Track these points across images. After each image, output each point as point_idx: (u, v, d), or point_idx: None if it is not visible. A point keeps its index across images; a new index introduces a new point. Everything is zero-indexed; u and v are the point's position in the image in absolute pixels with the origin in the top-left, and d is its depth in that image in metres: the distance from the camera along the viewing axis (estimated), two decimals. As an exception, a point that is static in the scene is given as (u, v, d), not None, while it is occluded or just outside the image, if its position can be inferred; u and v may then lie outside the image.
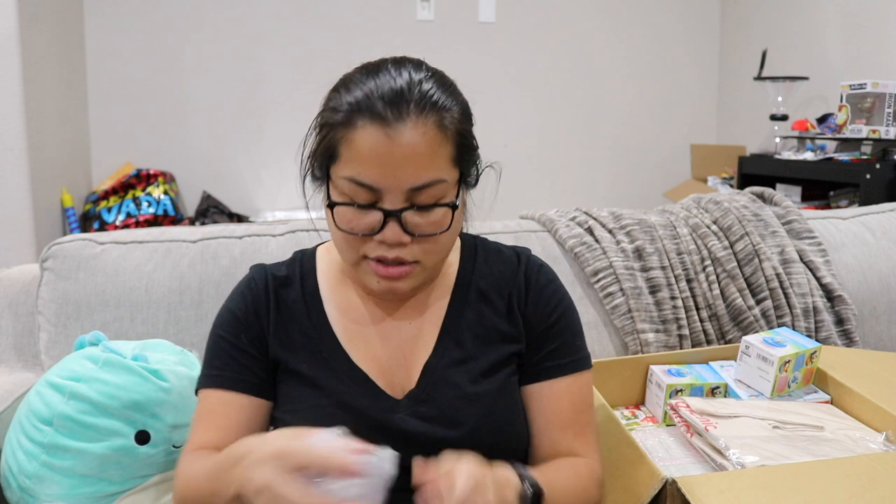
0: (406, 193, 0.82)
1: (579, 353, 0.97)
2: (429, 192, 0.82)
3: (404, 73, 0.84)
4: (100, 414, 1.04)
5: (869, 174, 2.29)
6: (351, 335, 0.94)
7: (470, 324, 0.94)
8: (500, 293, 0.96)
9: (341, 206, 0.84)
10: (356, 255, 0.86)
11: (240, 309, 0.94)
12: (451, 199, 0.85)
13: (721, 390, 1.16)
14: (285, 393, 0.92)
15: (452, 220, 0.86)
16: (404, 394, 0.91)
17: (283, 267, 0.99)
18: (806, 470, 0.86)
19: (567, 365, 0.95)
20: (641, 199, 3.61)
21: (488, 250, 1.00)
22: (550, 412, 0.94)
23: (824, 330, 1.43)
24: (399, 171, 0.80)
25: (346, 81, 0.85)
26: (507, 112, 3.59)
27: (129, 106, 3.28)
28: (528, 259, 0.99)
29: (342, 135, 0.82)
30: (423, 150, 0.81)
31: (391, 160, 0.80)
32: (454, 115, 0.84)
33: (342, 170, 0.82)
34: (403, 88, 0.82)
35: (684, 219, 1.51)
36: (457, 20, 3.51)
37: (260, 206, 3.40)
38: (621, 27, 3.68)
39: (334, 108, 0.83)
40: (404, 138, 0.80)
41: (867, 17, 2.84)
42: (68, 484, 1.03)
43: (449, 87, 0.87)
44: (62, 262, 1.31)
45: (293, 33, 3.37)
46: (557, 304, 0.97)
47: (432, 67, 0.88)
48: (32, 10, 2.68)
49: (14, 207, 2.63)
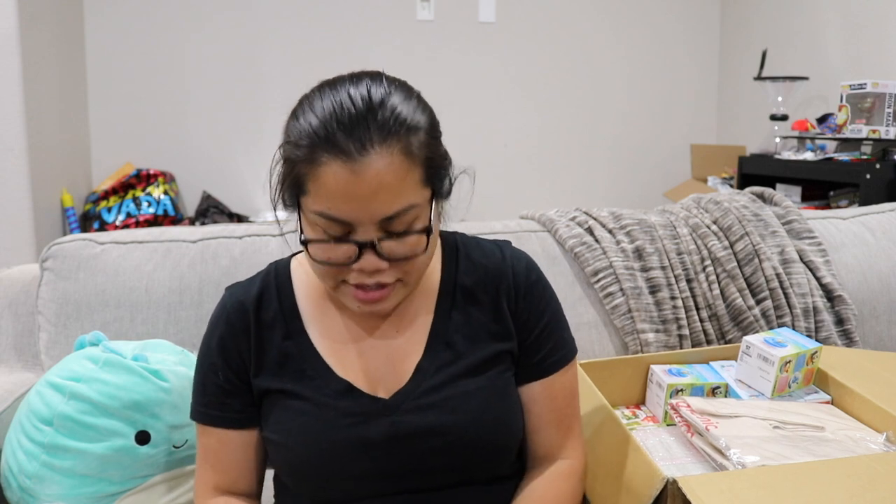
0: (378, 223, 0.79)
1: (567, 343, 0.98)
2: (401, 220, 0.80)
3: (363, 90, 0.79)
4: (100, 414, 1.04)
5: (869, 174, 2.29)
6: (335, 348, 0.92)
7: (458, 325, 0.93)
8: (485, 289, 0.95)
9: (315, 243, 0.82)
10: (335, 282, 0.85)
11: (217, 344, 0.93)
12: (424, 223, 0.82)
13: (722, 390, 1.16)
14: (274, 414, 0.91)
15: (429, 241, 0.84)
16: (392, 393, 0.90)
17: (257, 283, 0.95)
18: (807, 470, 0.86)
19: (560, 360, 0.96)
20: (641, 199, 3.61)
21: (469, 246, 0.98)
22: (547, 410, 0.95)
23: (824, 330, 1.43)
24: (368, 203, 0.78)
25: (304, 105, 0.82)
26: (507, 112, 3.59)
27: (129, 106, 3.28)
28: (512, 255, 0.98)
29: (307, 170, 0.79)
30: (391, 180, 0.78)
31: (359, 194, 0.77)
32: (420, 138, 0.81)
33: (312, 204, 0.80)
34: (363, 113, 0.78)
35: (684, 219, 1.51)
36: (457, 20, 3.51)
37: (260, 206, 3.40)
38: (621, 27, 3.68)
39: (295, 142, 0.80)
40: (370, 171, 0.77)
41: (867, 17, 2.84)
42: (68, 484, 1.03)
43: (413, 99, 0.83)
44: (62, 262, 1.31)
45: (293, 33, 3.38)
46: (548, 303, 0.97)
47: (393, 79, 0.84)
48: (32, 10, 2.68)
49: (14, 207, 2.63)
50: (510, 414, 0.93)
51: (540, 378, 0.95)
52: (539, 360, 0.95)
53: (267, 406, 0.92)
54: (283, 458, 0.91)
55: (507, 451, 0.94)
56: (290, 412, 0.90)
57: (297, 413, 0.89)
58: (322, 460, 0.88)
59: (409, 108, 0.81)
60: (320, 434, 0.88)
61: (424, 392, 0.89)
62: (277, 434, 0.90)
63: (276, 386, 0.91)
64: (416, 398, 0.89)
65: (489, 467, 0.92)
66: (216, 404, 0.92)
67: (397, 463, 0.88)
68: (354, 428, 0.88)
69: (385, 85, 0.82)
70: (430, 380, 0.90)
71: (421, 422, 0.88)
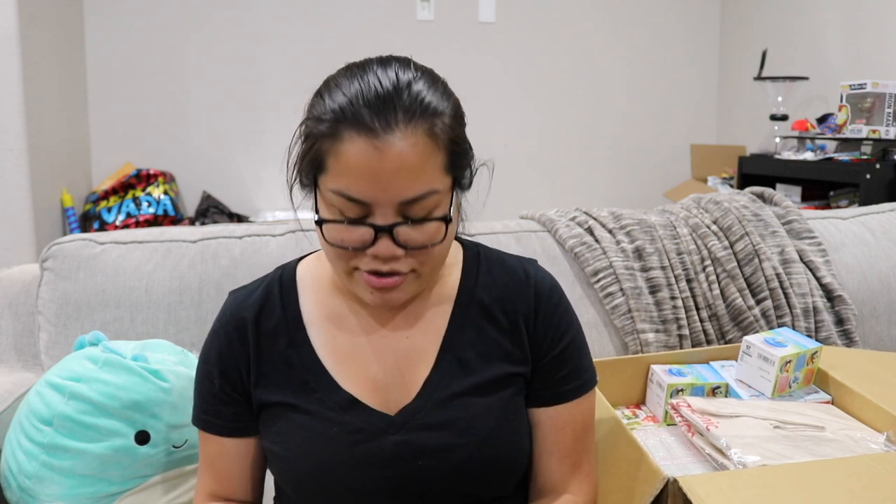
0: (397, 207, 0.77)
1: (586, 373, 0.93)
2: (421, 205, 0.78)
3: (391, 74, 0.79)
4: (100, 414, 1.04)
5: (869, 174, 2.29)
6: (340, 357, 0.90)
7: (471, 340, 0.90)
8: (503, 309, 0.91)
9: (330, 223, 0.80)
10: (348, 267, 0.83)
11: (214, 355, 0.91)
12: (444, 211, 0.81)
13: (722, 390, 1.16)
14: (276, 426, 0.89)
15: (447, 230, 0.81)
16: (399, 409, 0.87)
17: (261, 290, 0.93)
18: (807, 470, 0.86)
19: (573, 389, 0.91)
20: (641, 199, 3.61)
21: (491, 260, 0.95)
22: (553, 440, 0.92)
23: (824, 330, 1.43)
24: (389, 184, 0.76)
25: (330, 85, 0.81)
26: (507, 112, 3.59)
27: (129, 106, 3.28)
28: (536, 276, 0.94)
29: (328, 146, 0.77)
30: (414, 161, 0.76)
31: (381, 173, 0.75)
32: (445, 121, 0.80)
33: (330, 182, 0.78)
34: (390, 93, 0.77)
35: (684, 219, 1.51)
36: (457, 20, 3.51)
37: (260, 206, 3.40)
38: (621, 27, 3.69)
39: (318, 117, 0.79)
40: (394, 150, 0.75)
41: (867, 17, 2.84)
42: (68, 484, 1.03)
43: (439, 86, 0.82)
44: (62, 262, 1.31)
45: (293, 33, 3.38)
46: (567, 327, 0.92)
47: (420, 66, 0.83)
48: (32, 10, 2.68)
49: (14, 207, 2.63)
50: (517, 437, 0.90)
51: (549, 405, 0.91)
52: (551, 385, 0.91)
53: (268, 417, 0.90)
54: (284, 470, 0.90)
55: (512, 475, 0.90)
56: (292, 425, 0.88)
57: (298, 427, 0.87)
58: (323, 475, 0.86)
59: (436, 92, 0.80)
60: (322, 450, 0.86)
61: (431, 409, 0.87)
62: (278, 446, 0.89)
63: (276, 398, 0.89)
64: (423, 416, 0.86)
65: (492, 489, 0.89)
66: (212, 412, 0.92)
67: (400, 481, 0.86)
68: (358, 446, 0.85)
69: (413, 69, 0.81)
70: (437, 396, 0.87)
71: (426, 442, 0.85)
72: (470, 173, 0.87)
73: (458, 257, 0.95)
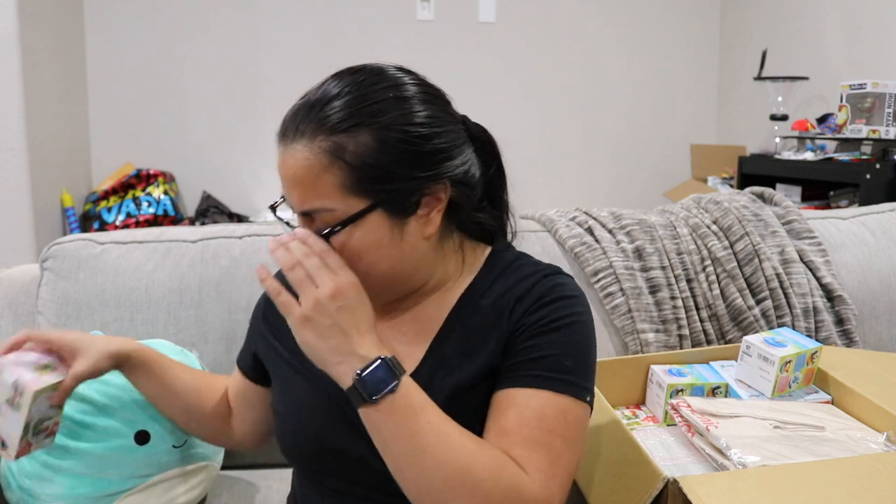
0: (300, 214, 0.82)
1: (566, 374, 0.81)
2: (321, 217, 0.80)
3: (326, 87, 0.81)
4: (100, 414, 1.04)
5: (869, 174, 2.29)
6: None
7: (458, 342, 0.87)
8: (500, 310, 0.86)
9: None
10: None
11: (260, 304, 1.03)
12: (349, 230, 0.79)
13: (722, 390, 1.16)
14: (277, 376, 0.96)
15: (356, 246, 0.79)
16: None
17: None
18: (807, 470, 0.86)
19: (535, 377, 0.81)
20: (641, 199, 3.61)
21: (514, 268, 0.90)
22: (492, 418, 0.81)
23: (824, 330, 1.43)
24: (289, 193, 0.81)
25: None
26: (507, 112, 3.59)
27: (129, 106, 3.28)
28: (548, 280, 0.88)
29: None
30: (304, 175, 0.79)
31: (284, 181, 0.81)
32: (360, 141, 0.77)
33: None
34: (306, 107, 0.80)
35: (684, 219, 1.51)
36: (457, 20, 3.51)
37: (260, 206, 3.40)
38: (621, 27, 3.69)
39: None
40: (288, 161, 0.80)
41: (867, 17, 2.84)
42: (68, 484, 1.03)
43: (374, 105, 0.79)
44: (62, 262, 1.31)
45: (293, 33, 3.38)
46: (559, 319, 0.84)
47: (365, 82, 0.81)
48: (32, 10, 2.68)
49: (14, 207, 2.63)
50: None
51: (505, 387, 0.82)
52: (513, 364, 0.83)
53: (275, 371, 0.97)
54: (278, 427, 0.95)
55: None
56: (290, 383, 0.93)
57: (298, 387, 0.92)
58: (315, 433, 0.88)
59: (359, 112, 0.78)
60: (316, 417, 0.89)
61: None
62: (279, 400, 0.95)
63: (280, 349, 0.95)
64: None
65: None
66: (245, 348, 1.05)
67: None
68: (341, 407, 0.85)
69: (350, 85, 0.80)
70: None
71: None
72: (416, 203, 0.82)
73: (476, 265, 0.92)
